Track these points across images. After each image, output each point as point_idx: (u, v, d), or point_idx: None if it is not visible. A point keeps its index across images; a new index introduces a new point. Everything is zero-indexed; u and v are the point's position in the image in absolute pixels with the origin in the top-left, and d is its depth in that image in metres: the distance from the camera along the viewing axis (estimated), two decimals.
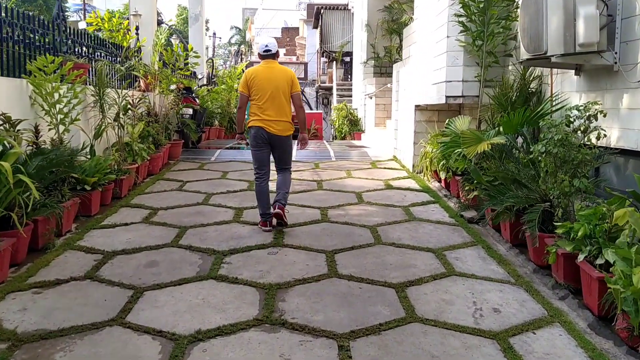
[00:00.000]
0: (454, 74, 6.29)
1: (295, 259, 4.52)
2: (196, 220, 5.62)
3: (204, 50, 14.26)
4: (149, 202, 6.33)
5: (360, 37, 15.95)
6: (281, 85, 5.19)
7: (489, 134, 5.13)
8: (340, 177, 7.92)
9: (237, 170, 8.41)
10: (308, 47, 33.18)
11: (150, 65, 8.71)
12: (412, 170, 8.20)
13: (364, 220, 5.63)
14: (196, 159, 9.48)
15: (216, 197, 6.67)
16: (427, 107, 7.96)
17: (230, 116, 15.25)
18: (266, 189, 5.33)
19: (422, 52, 7.65)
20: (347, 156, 10.15)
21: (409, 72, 8.57)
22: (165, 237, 5.04)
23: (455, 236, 5.13)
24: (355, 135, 14.72)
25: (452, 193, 6.53)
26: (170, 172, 8.17)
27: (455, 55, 6.26)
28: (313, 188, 7.23)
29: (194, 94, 10.81)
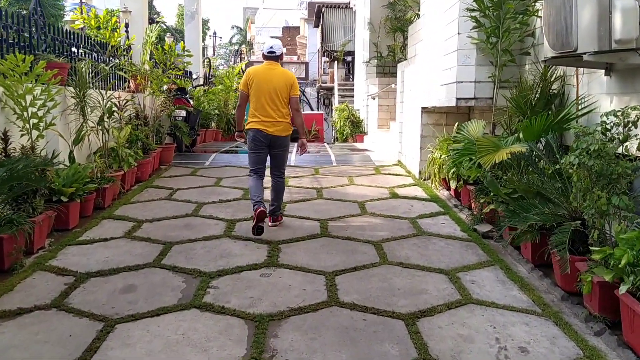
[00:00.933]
0: (465, 74, 5.78)
1: (290, 282, 4.02)
2: (183, 234, 5.12)
3: (200, 49, 13.75)
4: (134, 213, 5.83)
5: (362, 36, 15.44)
6: (280, 87, 5.16)
7: (507, 140, 4.62)
8: (341, 185, 7.41)
9: (231, 177, 7.90)
10: (309, 47, 32.65)
11: (140, 65, 8.20)
12: (419, 177, 7.69)
13: (368, 235, 5.12)
14: (189, 163, 8.98)
15: (207, 207, 6.17)
16: (434, 110, 7.46)
17: (227, 117, 14.74)
18: (260, 183, 5.29)
19: (429, 51, 7.14)
20: (349, 161, 9.64)
21: (415, 72, 8.06)
22: (148, 256, 4.54)
23: (469, 254, 4.62)
24: (357, 137, 14.21)
25: (463, 203, 6.03)
26: (160, 179, 7.67)
27: (466, 53, 5.75)
28: (312, 197, 6.73)
29: (188, 95, 10.30)
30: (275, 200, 5.36)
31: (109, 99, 6.49)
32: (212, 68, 16.73)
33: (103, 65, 6.46)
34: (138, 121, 7.73)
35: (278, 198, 5.38)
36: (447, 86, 6.18)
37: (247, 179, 7.28)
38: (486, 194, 5.07)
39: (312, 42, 30.91)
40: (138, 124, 7.70)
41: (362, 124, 14.78)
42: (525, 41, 5.56)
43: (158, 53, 8.12)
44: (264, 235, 5.09)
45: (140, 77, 8.13)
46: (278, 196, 5.39)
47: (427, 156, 7.46)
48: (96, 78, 6.63)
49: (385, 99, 13.16)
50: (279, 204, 5.40)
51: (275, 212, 5.36)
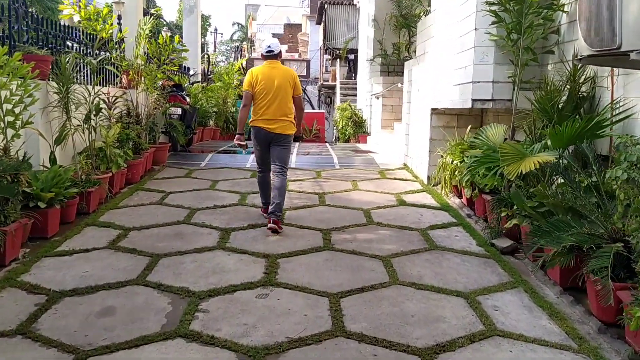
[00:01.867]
0: (482, 74, 5.32)
1: (290, 305, 3.56)
2: (173, 245, 4.66)
3: (199, 44, 13.28)
4: (121, 220, 5.37)
5: (366, 33, 14.97)
6: (284, 85, 5.23)
7: (532, 148, 4.16)
8: (345, 190, 6.95)
9: (228, 179, 7.44)
10: (311, 44, 32.15)
11: (133, 59, 7.73)
12: (427, 183, 7.23)
13: (375, 249, 4.66)
14: (184, 164, 8.51)
15: (201, 213, 5.71)
16: (445, 111, 6.99)
17: (226, 116, 14.28)
18: (268, 179, 5.47)
19: (441, 48, 6.67)
20: (352, 163, 9.18)
21: (424, 70, 7.60)
22: (132, 270, 4.08)
23: (488, 273, 4.17)
24: (360, 137, 13.74)
25: (478, 214, 5.57)
26: (152, 181, 7.20)
27: (484, 51, 5.29)
28: (314, 203, 6.27)
29: (184, 92, 9.84)
30: (276, 198, 5.20)
31: (96, 95, 6.02)
32: (212, 64, 16.26)
33: (90, 59, 5.99)
34: (129, 119, 7.27)
35: (280, 195, 5.23)
36: (462, 86, 5.72)
37: (244, 183, 6.98)
38: (505, 205, 4.61)
39: (314, 39, 30.42)
40: (129, 122, 7.24)
41: (365, 124, 14.32)
42: (549, 39, 5.10)
43: (151, 47, 7.65)
44: (260, 247, 4.65)
45: (132, 73, 7.66)
46: (280, 193, 5.24)
47: (436, 160, 7.00)
48: (82, 72, 6.14)
49: (390, 98, 12.70)
50: (280, 202, 5.21)
51: (275, 212, 5.14)
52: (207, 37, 54.80)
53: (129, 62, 7.72)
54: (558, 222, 3.42)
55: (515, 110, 5.06)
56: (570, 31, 4.78)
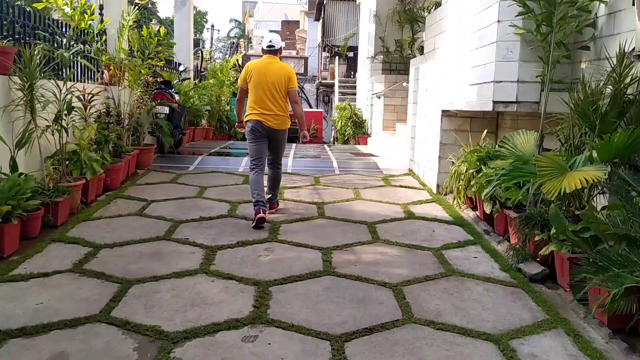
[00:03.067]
0: (506, 72, 4.68)
1: (284, 351, 2.91)
2: (148, 268, 4.01)
3: (191, 39, 12.58)
4: (93, 235, 4.71)
5: (367, 30, 14.32)
6: (278, 80, 5.27)
7: (574, 160, 3.51)
8: (346, 199, 6.30)
9: (218, 186, 6.78)
10: (309, 41, 31.45)
11: (114, 53, 7.06)
12: (436, 191, 6.58)
13: (384, 274, 4.02)
14: (171, 168, 7.85)
15: (184, 227, 5.05)
16: (457, 114, 6.35)
17: (220, 114, 13.61)
18: (261, 178, 5.43)
19: (454, 44, 6.03)
20: (353, 168, 8.53)
21: (433, 68, 6.95)
22: (96, 302, 3.43)
23: (519, 308, 3.52)
24: (360, 139, 13.10)
25: (498, 231, 4.93)
26: (133, 187, 6.53)
27: (508, 46, 4.64)
28: (313, 215, 5.61)
29: (173, 89, 9.16)
30: (272, 190, 5.64)
31: (69, 91, 5.35)
32: (205, 60, 15.58)
33: (62, 52, 5.31)
34: (109, 119, 6.60)
35: (275, 187, 5.68)
36: (480, 86, 5.07)
37: (235, 190, 6.34)
38: (534, 225, 3.97)
39: (313, 36, 29.72)
40: (109, 122, 6.57)
41: (365, 124, 13.67)
42: (583, 33, 4.45)
43: (134, 39, 6.97)
44: (250, 271, 4.00)
45: (114, 68, 6.98)
46: (275, 185, 5.68)
47: (447, 167, 6.36)
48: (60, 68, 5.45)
49: (392, 98, 12.07)
50: (275, 193, 5.67)
51: (272, 200, 5.61)
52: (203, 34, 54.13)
53: (111, 56, 7.05)
54: (615, 256, 2.78)
55: (544, 114, 4.41)
56: (610, 24, 4.13)
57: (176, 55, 12.38)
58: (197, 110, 11.37)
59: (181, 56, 12.42)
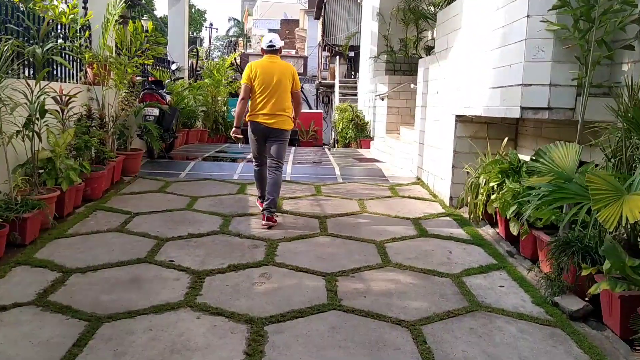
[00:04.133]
0: (536, 74, 4.11)
1: None
2: (124, 299, 3.43)
3: (186, 36, 12.00)
4: (64, 256, 4.14)
5: (369, 28, 13.75)
6: (283, 81, 5.22)
7: (632, 181, 2.94)
8: (351, 212, 5.72)
9: (210, 196, 6.20)
10: (309, 40, 30.85)
11: (98, 50, 6.48)
12: (449, 204, 6.02)
13: (398, 308, 3.45)
14: (160, 174, 7.27)
15: (170, 246, 4.48)
16: (472, 119, 5.79)
17: (216, 116, 13.03)
18: (264, 173, 5.40)
19: (471, 42, 5.46)
20: (356, 176, 7.95)
21: (445, 69, 6.39)
22: (56, 347, 2.85)
23: (562, 356, 2.95)
24: (362, 142, 12.52)
25: (524, 252, 4.37)
26: (117, 197, 5.96)
27: (539, 44, 4.08)
28: (314, 231, 5.04)
29: (165, 90, 8.59)
30: (271, 194, 5.21)
31: (42, 92, 4.77)
32: (201, 59, 15.00)
33: (33, 48, 4.73)
34: (90, 122, 6.01)
35: (274, 192, 5.24)
36: (504, 90, 4.50)
37: (229, 201, 5.87)
38: (574, 253, 3.40)
39: (312, 35, 29.13)
40: (90, 125, 5.99)
41: (368, 127, 13.09)
42: (627, 30, 3.88)
43: (120, 35, 6.38)
44: (243, 303, 3.43)
45: (97, 66, 6.40)
46: (275, 189, 5.25)
47: (461, 178, 5.81)
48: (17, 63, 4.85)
49: (396, 99, 11.51)
50: (274, 199, 5.21)
51: (270, 208, 5.15)
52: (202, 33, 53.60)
53: (94, 53, 6.46)
54: None
55: (581, 122, 3.85)
56: None
57: (170, 54, 11.82)
58: (191, 112, 10.80)
59: (175, 54, 11.85)
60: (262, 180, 5.49)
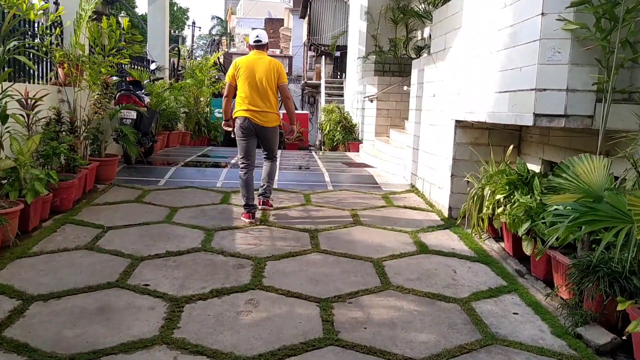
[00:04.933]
0: (551, 78, 3.73)
1: None
2: (89, 335, 2.98)
3: (166, 35, 11.48)
4: (25, 280, 3.67)
5: (357, 27, 13.38)
6: (267, 76, 5.16)
7: None
8: (344, 225, 5.32)
9: (192, 206, 5.76)
10: (294, 40, 30.40)
11: (70, 48, 5.98)
12: (448, 215, 5.64)
13: (404, 342, 3.04)
14: (138, 182, 6.80)
15: (146, 266, 4.03)
16: (473, 124, 5.42)
17: (198, 117, 12.55)
18: (251, 179, 5.33)
19: (474, 42, 5.09)
20: (347, 182, 7.55)
21: (443, 71, 6.01)
22: None
23: None
24: (351, 145, 12.13)
25: (536, 273, 3.99)
26: (89, 209, 5.48)
27: (555, 45, 3.70)
28: (305, 247, 4.62)
29: (143, 91, 8.10)
30: (266, 181, 5.45)
31: (4, 94, 4.29)
32: (183, 58, 14.48)
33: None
34: (60, 127, 5.52)
35: (269, 179, 5.47)
36: (513, 95, 4.12)
37: (212, 211, 5.45)
38: (599, 279, 3.03)
39: (297, 34, 28.70)
40: (60, 130, 5.50)
41: (356, 129, 12.71)
42: None
43: (93, 32, 5.89)
44: (227, 339, 3.00)
45: (68, 65, 5.91)
46: (270, 176, 5.47)
47: (461, 187, 5.44)
48: None
49: (385, 101, 11.17)
50: (269, 185, 5.47)
51: (266, 193, 5.46)
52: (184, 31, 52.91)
53: (65, 52, 5.97)
54: None
55: (603, 131, 3.48)
56: None
57: (149, 52, 11.31)
58: (172, 113, 10.32)
59: (155, 53, 11.34)
60: (249, 187, 5.27)
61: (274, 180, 5.56)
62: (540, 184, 3.94)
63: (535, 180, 3.98)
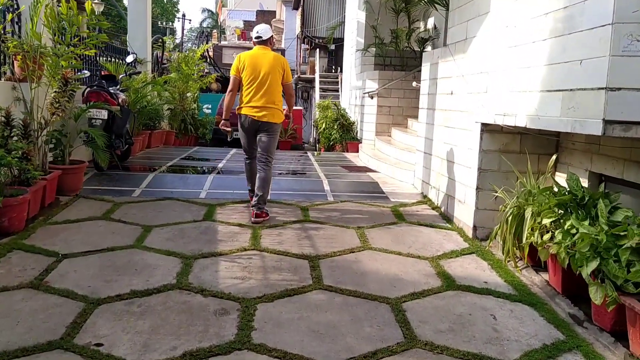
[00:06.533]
0: (629, 74, 2.86)
1: None
2: None
3: (148, 25, 10.51)
4: None
5: (355, 18, 12.49)
6: (272, 72, 5.06)
7: None
8: (350, 248, 4.45)
9: (169, 224, 4.87)
10: (286, 32, 29.39)
11: (26, 39, 5.06)
12: (472, 234, 4.78)
13: None
14: (109, 192, 5.89)
15: (102, 314, 3.15)
16: (502, 128, 4.56)
17: (184, 115, 11.62)
18: (255, 167, 5.25)
19: (506, 30, 4.22)
20: (349, 191, 6.68)
21: (464, 65, 5.15)
22: None
23: None
24: (349, 145, 11.26)
25: (596, 320, 3.14)
26: (45, 229, 4.58)
27: (634, 32, 2.84)
28: (304, 282, 3.75)
29: (119, 86, 7.19)
30: (260, 190, 5.14)
31: None
32: (168, 50, 13.52)
33: None
34: (9, 131, 4.61)
35: (263, 188, 5.14)
36: (570, 95, 3.26)
37: (193, 231, 4.73)
38: None
39: (290, 26, 27.69)
40: (9, 135, 4.59)
41: (354, 127, 11.84)
42: None
43: (51, 18, 4.95)
44: None
45: (23, 58, 4.99)
46: (263, 186, 5.15)
47: (488, 201, 4.61)
48: None
49: (387, 98, 10.32)
50: (263, 195, 5.16)
51: (259, 204, 5.12)
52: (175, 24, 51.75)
53: (19, 42, 5.05)
54: None
55: None
56: None
57: (130, 44, 10.38)
58: (153, 111, 9.38)
59: (137, 45, 10.40)
60: (253, 174, 5.30)
61: (269, 188, 5.23)
62: (606, 208, 3.09)
63: (600, 204, 3.13)
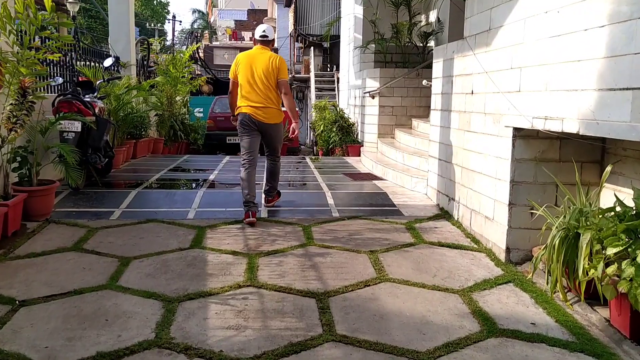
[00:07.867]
0: None
1: None
2: None
3: (131, 27, 9.75)
4: None
5: (352, 13, 11.81)
6: (266, 71, 5.07)
7: None
8: (364, 281, 3.75)
9: (151, 255, 4.17)
10: (279, 30, 28.64)
11: None
12: (505, 257, 4.10)
13: None
14: (84, 214, 5.18)
15: None
16: (537, 133, 3.88)
17: (172, 121, 10.90)
18: (252, 174, 5.14)
19: (546, 17, 3.54)
20: (356, 204, 5.99)
21: (487, 60, 4.48)
22: None
23: None
24: (350, 149, 10.56)
25: None
26: (4, 265, 3.86)
27: None
28: (312, 330, 3.05)
29: (96, 93, 6.47)
30: (270, 182, 5.44)
31: None
32: (154, 52, 12.79)
33: None
34: None
35: (273, 179, 5.43)
36: None
37: (178, 263, 3.94)
38: None
39: (283, 24, 26.96)
40: None
41: (354, 129, 11.14)
42: None
43: (5, 17, 4.23)
44: None
45: None
46: (273, 177, 5.43)
47: (522, 219, 3.93)
48: None
49: (389, 97, 9.66)
50: (274, 185, 5.43)
51: (270, 192, 5.46)
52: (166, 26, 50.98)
53: None
54: None
55: None
56: None
57: (112, 47, 9.66)
58: (139, 118, 8.66)
59: (119, 47, 9.67)
60: (250, 183, 5.08)
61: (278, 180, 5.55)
62: None
63: None
